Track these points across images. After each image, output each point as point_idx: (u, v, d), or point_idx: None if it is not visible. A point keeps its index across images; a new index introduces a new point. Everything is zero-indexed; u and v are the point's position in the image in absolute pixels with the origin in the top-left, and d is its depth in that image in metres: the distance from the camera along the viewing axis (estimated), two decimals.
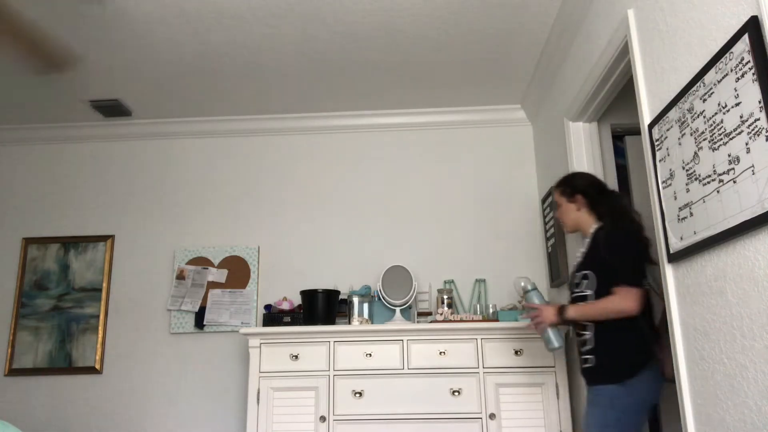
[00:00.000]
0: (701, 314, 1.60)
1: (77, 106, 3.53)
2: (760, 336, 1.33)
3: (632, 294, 1.98)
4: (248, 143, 3.75)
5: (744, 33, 1.33)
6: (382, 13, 2.65)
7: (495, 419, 2.75)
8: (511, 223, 3.50)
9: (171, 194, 3.70)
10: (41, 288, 3.57)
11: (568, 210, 2.29)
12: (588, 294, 2.12)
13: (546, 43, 2.90)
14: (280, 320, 3.15)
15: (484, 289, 3.32)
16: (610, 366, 2.04)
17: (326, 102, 3.55)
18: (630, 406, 1.99)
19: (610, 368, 2.04)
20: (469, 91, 3.43)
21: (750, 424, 1.38)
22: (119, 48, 2.89)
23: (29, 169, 3.80)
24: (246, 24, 2.71)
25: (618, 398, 1.99)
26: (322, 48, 2.93)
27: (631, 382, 1.99)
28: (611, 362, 2.05)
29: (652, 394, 2.03)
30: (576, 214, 2.28)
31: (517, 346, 2.85)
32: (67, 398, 3.40)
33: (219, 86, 3.31)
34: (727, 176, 1.41)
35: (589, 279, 2.13)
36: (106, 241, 3.62)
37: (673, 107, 1.69)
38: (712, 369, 1.55)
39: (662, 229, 1.78)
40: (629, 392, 1.99)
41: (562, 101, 2.89)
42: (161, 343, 3.45)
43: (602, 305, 2.04)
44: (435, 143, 3.67)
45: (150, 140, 3.79)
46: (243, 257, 3.54)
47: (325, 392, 2.83)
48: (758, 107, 1.29)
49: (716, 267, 1.51)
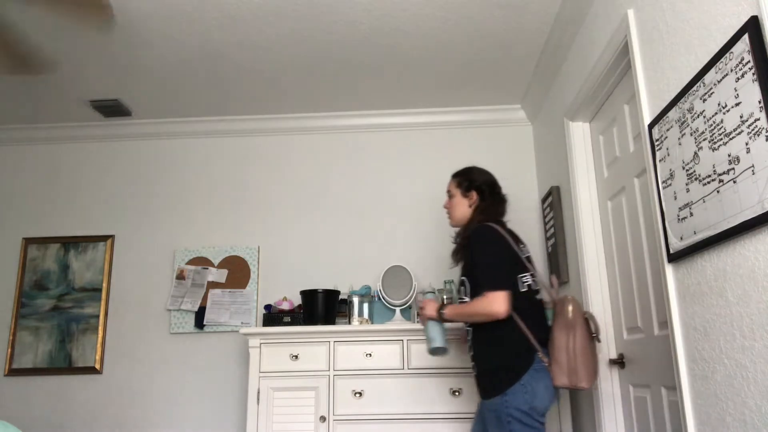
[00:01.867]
0: (701, 314, 1.60)
1: (77, 106, 3.53)
2: (760, 336, 1.33)
3: (499, 297, 1.93)
4: (248, 143, 3.75)
5: (744, 33, 1.33)
6: (381, 13, 2.65)
7: None
8: (511, 223, 3.46)
9: (171, 194, 3.70)
10: (41, 288, 3.58)
11: (461, 204, 2.24)
12: (467, 300, 2.10)
13: (546, 43, 2.90)
14: (280, 320, 3.15)
15: None
16: (491, 375, 2.00)
17: (326, 102, 3.55)
18: (519, 417, 1.89)
19: (491, 378, 2.00)
20: (469, 91, 3.43)
21: (750, 424, 1.38)
22: (119, 48, 2.89)
23: (29, 169, 3.80)
24: (246, 24, 2.71)
25: (504, 410, 1.91)
26: (322, 48, 2.93)
27: (513, 390, 1.91)
28: (490, 370, 2.01)
29: (540, 401, 1.93)
30: (466, 210, 2.23)
31: None
32: (67, 398, 3.40)
33: (219, 86, 3.31)
34: (727, 176, 1.41)
35: (465, 285, 2.12)
36: (106, 241, 3.62)
37: (673, 107, 1.69)
38: (712, 369, 1.55)
39: (662, 229, 1.78)
40: (513, 401, 1.90)
41: (562, 101, 2.89)
42: (161, 343, 3.45)
43: (471, 307, 2.01)
44: (435, 143, 3.67)
45: (150, 140, 3.79)
46: (243, 257, 3.54)
47: (325, 392, 2.83)
48: (758, 107, 1.29)
49: (716, 267, 1.51)
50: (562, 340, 1.99)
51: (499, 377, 1.96)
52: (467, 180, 2.25)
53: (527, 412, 1.90)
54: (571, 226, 2.77)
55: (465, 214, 2.23)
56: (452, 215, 2.28)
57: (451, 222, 2.31)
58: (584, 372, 1.95)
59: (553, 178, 3.12)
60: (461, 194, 2.25)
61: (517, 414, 1.89)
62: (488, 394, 2.01)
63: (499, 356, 2.00)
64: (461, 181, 2.26)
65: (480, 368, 2.07)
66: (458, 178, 2.28)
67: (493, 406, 1.96)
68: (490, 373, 2.01)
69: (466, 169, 2.31)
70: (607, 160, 2.54)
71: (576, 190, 2.68)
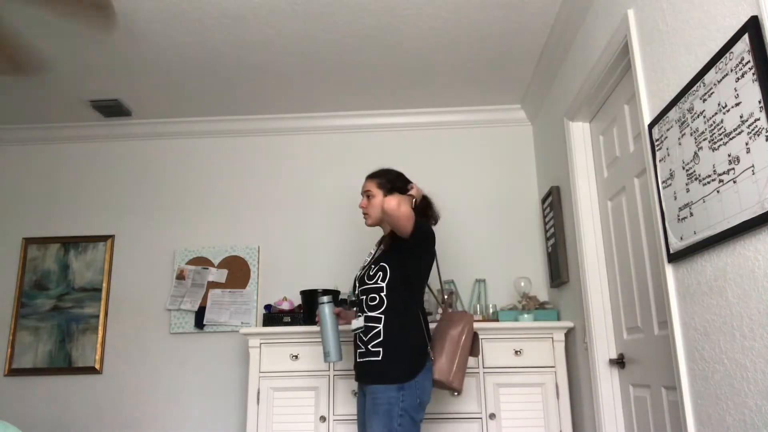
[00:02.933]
0: (701, 314, 1.60)
1: (77, 106, 3.53)
2: (760, 336, 1.33)
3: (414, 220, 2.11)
4: (248, 143, 3.75)
5: (744, 33, 1.33)
6: (382, 13, 2.65)
7: (495, 419, 2.76)
8: (511, 223, 3.50)
9: (171, 194, 3.70)
10: (41, 288, 3.58)
11: (379, 204, 2.28)
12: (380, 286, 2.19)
13: (546, 43, 2.90)
14: (280, 320, 3.15)
15: (484, 289, 3.32)
16: (396, 363, 2.08)
17: (326, 102, 3.55)
18: (411, 413, 2.03)
19: (395, 366, 2.07)
20: (469, 91, 3.43)
21: (750, 424, 1.38)
22: (119, 48, 2.89)
23: (29, 169, 3.80)
24: (246, 24, 2.71)
25: (398, 403, 2.02)
26: (322, 48, 2.93)
27: (410, 384, 2.04)
28: (396, 358, 2.09)
29: (427, 396, 2.11)
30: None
31: (517, 346, 2.85)
32: (67, 398, 3.40)
33: (219, 86, 3.31)
34: (727, 176, 1.41)
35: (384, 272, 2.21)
36: (106, 241, 3.62)
37: (673, 107, 1.69)
38: (712, 369, 1.55)
39: (662, 229, 1.78)
40: (408, 396, 2.03)
41: (562, 101, 2.89)
42: (161, 343, 3.45)
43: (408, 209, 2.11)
44: (435, 143, 3.67)
45: (150, 140, 3.79)
46: (243, 257, 3.54)
47: (325, 392, 2.83)
48: (758, 107, 1.29)
49: (716, 267, 1.51)
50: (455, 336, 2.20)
51: (400, 368, 2.07)
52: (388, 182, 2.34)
53: (417, 407, 2.06)
54: (571, 226, 2.77)
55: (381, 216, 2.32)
56: (370, 215, 2.35)
57: (367, 221, 2.37)
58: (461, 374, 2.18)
59: (553, 179, 3.12)
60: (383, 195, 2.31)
61: (410, 409, 2.03)
62: (380, 381, 2.07)
63: (407, 349, 2.11)
64: (382, 182, 2.34)
65: (392, 354, 2.10)
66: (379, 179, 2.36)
67: (385, 397, 2.03)
68: (394, 360, 2.08)
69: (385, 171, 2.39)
70: (607, 160, 2.54)
71: (576, 190, 2.68)
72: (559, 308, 3.06)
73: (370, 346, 2.13)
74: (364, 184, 2.39)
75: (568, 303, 2.93)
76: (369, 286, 2.21)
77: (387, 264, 2.20)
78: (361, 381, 2.20)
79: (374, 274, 2.21)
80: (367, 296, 2.21)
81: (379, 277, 2.19)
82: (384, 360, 2.09)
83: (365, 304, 2.21)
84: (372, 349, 2.12)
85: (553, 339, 2.85)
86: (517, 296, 3.17)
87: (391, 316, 2.14)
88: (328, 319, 2.25)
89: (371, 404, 2.07)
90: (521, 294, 3.10)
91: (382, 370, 2.08)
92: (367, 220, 2.35)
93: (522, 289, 3.11)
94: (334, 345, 2.23)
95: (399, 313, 2.15)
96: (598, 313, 2.53)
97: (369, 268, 2.25)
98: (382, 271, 2.19)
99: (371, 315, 2.17)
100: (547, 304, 3.10)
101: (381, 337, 2.12)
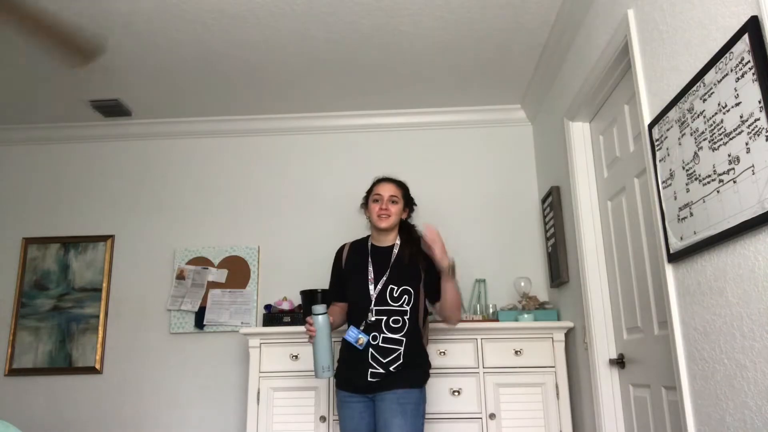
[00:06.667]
0: (701, 314, 1.60)
1: (77, 106, 3.53)
2: (760, 336, 1.33)
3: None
4: (248, 143, 3.75)
5: (744, 33, 1.33)
6: (382, 13, 2.65)
7: (495, 419, 2.75)
8: (511, 223, 3.50)
9: (171, 194, 3.70)
10: (41, 288, 3.57)
11: (399, 212, 2.39)
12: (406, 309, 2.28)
13: (546, 43, 2.90)
14: (280, 320, 3.15)
15: (484, 289, 3.32)
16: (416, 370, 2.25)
17: (326, 102, 3.55)
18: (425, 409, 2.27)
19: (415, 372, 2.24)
20: (469, 91, 3.43)
21: (750, 424, 1.38)
22: (119, 48, 2.89)
23: (29, 169, 3.80)
24: (246, 24, 2.71)
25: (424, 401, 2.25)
26: (322, 48, 2.93)
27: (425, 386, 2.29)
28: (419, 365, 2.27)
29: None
30: (399, 219, 2.40)
31: (517, 346, 2.85)
32: (67, 398, 3.40)
33: (219, 86, 3.31)
34: (727, 176, 1.41)
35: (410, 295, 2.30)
36: (106, 241, 3.62)
37: (673, 107, 1.69)
38: (712, 369, 1.55)
39: (662, 229, 1.78)
40: (425, 396, 2.27)
41: (562, 101, 2.89)
42: (161, 343, 3.44)
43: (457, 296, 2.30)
44: (435, 143, 3.67)
45: (150, 140, 3.79)
46: (243, 257, 3.54)
47: (325, 392, 2.83)
48: (758, 107, 1.29)
49: (716, 267, 1.51)
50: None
51: (422, 373, 2.28)
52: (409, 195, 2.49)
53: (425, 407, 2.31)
54: (571, 226, 2.77)
55: (396, 223, 2.42)
56: (390, 217, 2.38)
57: (384, 222, 2.37)
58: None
59: (553, 178, 3.12)
60: (403, 204, 2.42)
61: (426, 409, 2.29)
62: (412, 385, 2.21)
63: (425, 356, 2.34)
64: (406, 194, 2.45)
65: (412, 363, 2.24)
66: (405, 189, 2.46)
67: (413, 397, 2.19)
68: (417, 367, 2.26)
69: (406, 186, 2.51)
70: (607, 160, 2.54)
71: (576, 190, 2.68)
72: (559, 308, 3.06)
73: (391, 368, 2.20)
74: (387, 185, 2.41)
75: (568, 303, 2.93)
76: (392, 308, 2.24)
77: (412, 288, 2.28)
78: (374, 391, 2.21)
79: (399, 297, 2.25)
80: (389, 317, 2.23)
81: (405, 300, 2.25)
82: (404, 370, 2.21)
83: (385, 324, 2.23)
84: (392, 370, 2.20)
85: (553, 339, 2.85)
86: (517, 296, 3.17)
87: (411, 337, 2.25)
88: (324, 332, 2.15)
89: (396, 405, 2.14)
90: (521, 294, 3.10)
91: (404, 377, 2.20)
92: (385, 222, 2.35)
93: (522, 289, 3.11)
94: (331, 359, 2.17)
95: (417, 332, 2.30)
96: (598, 313, 2.53)
97: (389, 288, 2.27)
98: (408, 295, 2.26)
99: (391, 337, 2.22)
100: (547, 304, 3.10)
101: (401, 360, 2.20)
